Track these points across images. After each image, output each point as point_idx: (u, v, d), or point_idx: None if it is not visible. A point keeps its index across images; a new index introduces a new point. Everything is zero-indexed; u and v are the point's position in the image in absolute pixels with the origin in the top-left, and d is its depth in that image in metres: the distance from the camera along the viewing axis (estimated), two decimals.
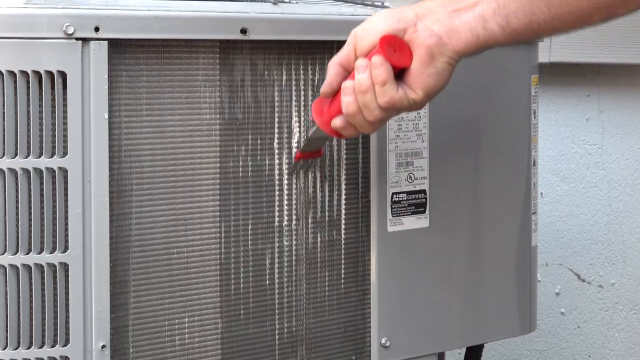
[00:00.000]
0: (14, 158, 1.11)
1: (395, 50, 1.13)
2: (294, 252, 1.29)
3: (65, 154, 1.13)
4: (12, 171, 1.11)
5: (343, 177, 1.32)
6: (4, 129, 1.11)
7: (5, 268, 1.12)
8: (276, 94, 1.27)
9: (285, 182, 1.28)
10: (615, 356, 1.93)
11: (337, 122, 1.18)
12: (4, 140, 1.11)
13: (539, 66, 1.49)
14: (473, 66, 1.37)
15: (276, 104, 1.27)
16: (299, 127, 1.29)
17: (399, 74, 1.14)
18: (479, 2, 1.13)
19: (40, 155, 1.12)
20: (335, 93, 1.18)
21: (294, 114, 1.28)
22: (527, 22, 1.11)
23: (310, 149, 1.25)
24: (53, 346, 1.13)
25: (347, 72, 1.17)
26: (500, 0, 1.12)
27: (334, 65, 1.17)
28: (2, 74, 1.10)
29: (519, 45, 1.44)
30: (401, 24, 1.14)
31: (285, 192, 1.28)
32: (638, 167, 1.88)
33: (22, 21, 1.11)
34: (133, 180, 1.18)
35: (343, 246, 1.32)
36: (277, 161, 1.27)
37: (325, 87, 1.18)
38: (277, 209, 1.27)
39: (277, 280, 1.28)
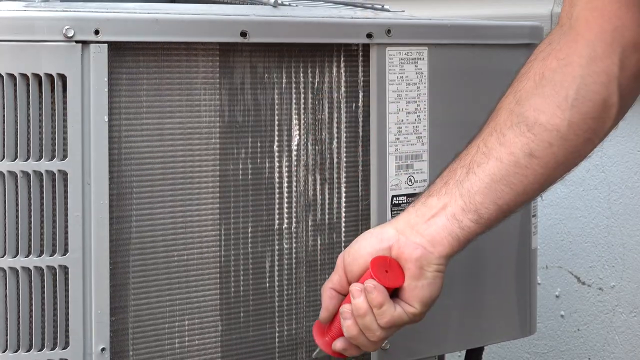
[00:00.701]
0: (14, 161, 1.11)
1: (387, 271, 1.15)
2: (294, 255, 1.29)
3: (65, 156, 1.13)
4: (12, 174, 1.11)
5: (343, 180, 1.32)
6: (3, 132, 1.11)
7: (5, 271, 1.12)
8: (276, 96, 1.27)
9: (285, 184, 1.28)
10: (615, 359, 1.93)
11: (338, 344, 1.20)
12: (3, 143, 1.11)
13: None
14: (472, 69, 1.37)
15: (276, 106, 1.27)
16: (299, 129, 1.29)
17: (394, 291, 1.16)
18: (447, 203, 1.15)
19: (40, 158, 1.12)
20: (333, 316, 1.20)
21: (294, 116, 1.28)
22: (496, 208, 1.14)
23: None
24: (53, 349, 1.13)
25: (342, 295, 1.19)
26: (464, 197, 1.14)
27: (327, 290, 1.20)
28: (2, 77, 1.10)
29: (519, 46, 1.44)
30: (384, 243, 1.16)
31: (285, 194, 1.28)
32: (638, 170, 1.88)
33: (22, 24, 1.11)
34: (133, 183, 1.18)
35: (343, 249, 1.32)
36: (277, 164, 1.27)
37: (323, 313, 1.20)
38: (277, 211, 1.27)
39: (277, 283, 1.28)
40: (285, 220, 1.28)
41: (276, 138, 1.27)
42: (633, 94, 1.14)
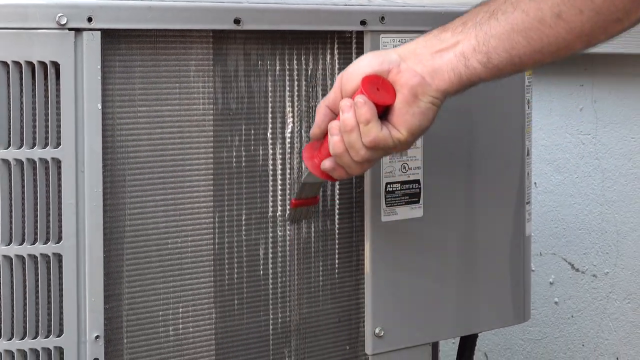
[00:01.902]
0: (7, 149, 1.11)
1: (379, 89, 1.14)
2: (288, 242, 1.29)
3: (58, 144, 1.13)
4: (5, 162, 1.11)
5: None
6: None
7: None
8: (269, 84, 1.27)
9: (279, 172, 1.28)
10: (608, 345, 1.94)
11: (326, 163, 1.19)
12: None
13: None
14: None
15: (269, 94, 1.27)
16: (293, 117, 1.29)
17: (384, 114, 1.15)
18: (460, 41, 1.14)
19: (34, 146, 1.12)
20: (324, 135, 1.19)
21: (288, 104, 1.28)
22: (507, 57, 1.13)
23: (304, 196, 1.26)
24: (47, 337, 1.13)
25: (335, 114, 1.19)
26: (479, 38, 1.13)
27: (321, 108, 1.19)
28: None
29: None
30: (384, 65, 1.16)
31: (279, 182, 1.28)
32: (632, 157, 1.89)
33: (15, 11, 1.11)
34: (127, 171, 1.18)
35: (337, 236, 1.32)
36: (270, 151, 1.27)
37: (314, 129, 1.20)
38: (270, 199, 1.27)
39: (271, 271, 1.28)
40: (279, 208, 1.28)
41: (270, 125, 1.27)
42: None
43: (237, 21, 1.22)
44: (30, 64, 1.11)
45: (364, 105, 1.14)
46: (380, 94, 1.14)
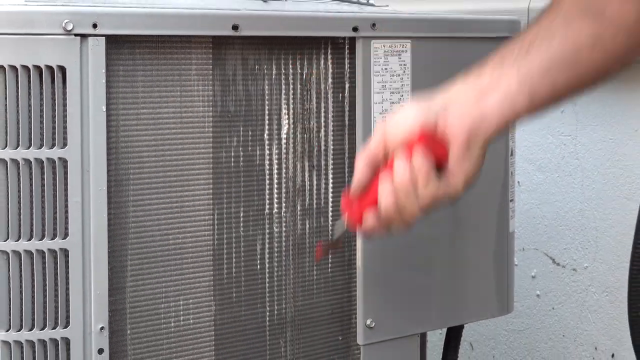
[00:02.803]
0: (16, 149, 1.11)
1: (433, 145, 1.04)
2: (284, 238, 1.29)
3: (65, 145, 1.12)
4: (14, 162, 1.11)
5: (330, 167, 1.32)
6: (6, 121, 1.11)
7: (8, 254, 1.11)
8: (266, 87, 1.26)
9: (275, 171, 1.28)
10: (588, 336, 1.93)
11: (368, 220, 1.08)
12: (6, 132, 1.11)
13: None
14: (453, 61, 1.36)
15: (266, 97, 1.26)
16: (288, 119, 1.28)
17: (438, 168, 1.06)
18: (502, 81, 1.05)
19: (41, 146, 1.12)
20: (365, 190, 1.08)
21: (284, 106, 1.28)
22: (549, 91, 1.05)
23: (334, 245, 1.20)
24: (54, 328, 1.13)
25: (376, 166, 1.08)
26: (521, 76, 1.05)
27: (360, 161, 1.09)
28: (4, 69, 1.10)
29: (498, 39, 1.43)
30: (431, 114, 1.06)
31: (275, 180, 1.28)
32: (610, 157, 1.88)
33: (23, 18, 1.11)
34: (130, 170, 1.17)
35: (330, 232, 1.32)
36: (267, 151, 1.27)
37: (355, 185, 1.09)
38: (267, 196, 1.27)
39: (267, 265, 1.28)
40: (275, 205, 1.28)
41: (266, 127, 1.27)
42: None
43: (235, 27, 1.22)
44: (37, 68, 1.11)
45: (423, 166, 1.04)
46: (435, 151, 1.04)
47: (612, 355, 1.89)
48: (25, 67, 1.10)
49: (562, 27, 1.05)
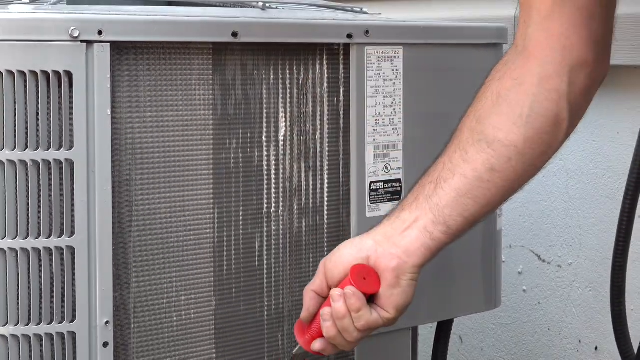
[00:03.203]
0: (24, 151, 1.11)
1: (365, 278, 1.14)
2: (281, 236, 1.29)
3: (71, 147, 1.12)
4: (23, 163, 1.11)
5: (325, 168, 1.32)
6: (15, 124, 1.11)
7: (17, 251, 1.11)
8: (264, 91, 1.27)
9: (273, 172, 1.28)
10: (572, 329, 1.94)
11: (317, 345, 1.18)
12: (15, 134, 1.11)
13: None
14: (443, 67, 1.37)
15: (264, 100, 1.27)
16: (286, 122, 1.29)
17: (370, 297, 1.15)
18: (419, 217, 1.14)
19: (49, 148, 1.12)
20: (314, 317, 1.18)
21: (281, 109, 1.28)
22: (462, 220, 1.13)
23: None
24: (61, 322, 1.13)
25: (322, 297, 1.18)
26: (434, 211, 1.13)
27: (308, 292, 1.18)
28: (14, 74, 1.10)
29: (486, 46, 1.44)
30: (363, 252, 1.15)
31: (273, 181, 1.28)
32: (593, 158, 1.89)
33: (32, 25, 1.11)
34: (134, 171, 1.18)
35: (326, 230, 1.33)
36: (265, 153, 1.27)
37: (304, 313, 1.19)
38: (265, 196, 1.27)
39: (265, 261, 1.28)
40: (273, 205, 1.28)
41: (265, 129, 1.27)
42: (582, 109, 1.13)
43: (234, 34, 1.22)
44: (45, 73, 1.11)
45: (353, 296, 1.13)
46: (367, 283, 1.14)
47: (596, 348, 1.90)
48: (34, 72, 1.10)
49: (462, 160, 1.12)
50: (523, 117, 1.09)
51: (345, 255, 1.16)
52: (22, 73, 1.10)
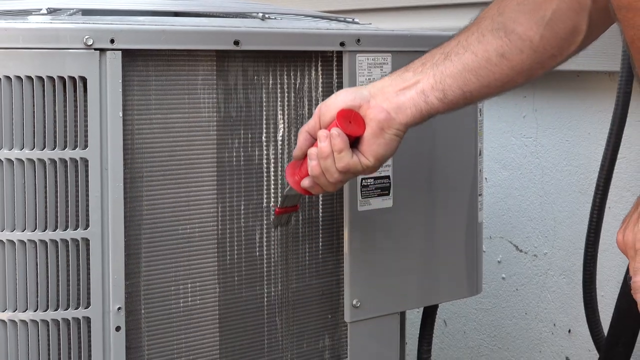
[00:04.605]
0: (42, 150, 1.10)
1: (351, 122, 1.13)
2: (279, 228, 1.29)
3: (86, 146, 1.12)
4: (41, 161, 1.11)
5: None
6: (33, 125, 1.10)
7: (36, 243, 1.11)
8: (264, 95, 1.26)
9: (272, 169, 1.28)
10: (547, 313, 1.94)
11: (305, 182, 1.18)
12: (34, 135, 1.10)
13: None
14: None
15: (264, 104, 1.26)
16: (284, 123, 1.28)
17: (355, 143, 1.14)
18: (420, 80, 1.13)
19: (65, 147, 1.11)
20: (304, 157, 1.18)
21: (279, 112, 1.28)
22: (460, 93, 1.12)
23: (287, 205, 1.25)
24: (77, 308, 1.13)
25: (314, 139, 1.17)
26: (437, 77, 1.12)
27: (302, 133, 1.18)
28: (33, 79, 1.10)
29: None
30: (356, 101, 1.14)
31: (272, 178, 1.27)
32: (566, 156, 1.89)
33: (49, 34, 1.10)
34: (144, 169, 1.17)
35: (321, 223, 1.32)
36: (265, 152, 1.27)
37: (296, 151, 1.19)
38: (265, 192, 1.27)
39: (265, 252, 1.28)
40: (272, 200, 1.27)
41: (264, 130, 1.27)
42: (599, 29, 1.11)
43: (236, 42, 1.21)
44: (62, 78, 1.10)
45: (337, 137, 1.12)
46: (352, 127, 1.13)
47: (569, 331, 1.90)
48: (51, 78, 1.10)
49: (477, 41, 1.11)
50: (545, 19, 1.08)
51: (339, 101, 1.15)
52: (40, 78, 1.10)
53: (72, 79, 1.11)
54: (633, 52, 0.97)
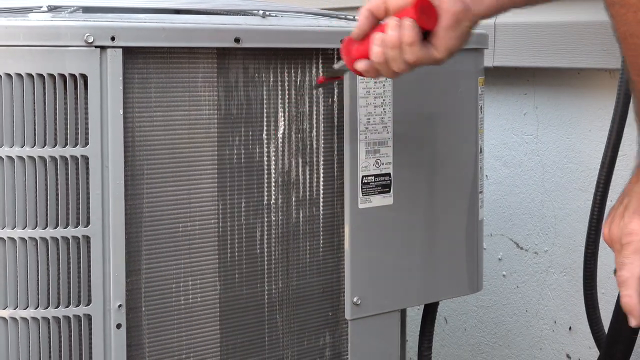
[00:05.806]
0: (43, 147, 1.10)
1: (424, 13, 1.06)
2: (280, 226, 1.29)
3: (86, 144, 1.12)
4: (42, 159, 1.11)
5: (321, 163, 1.32)
6: (34, 123, 1.10)
7: (37, 240, 1.11)
8: (264, 93, 1.26)
9: (273, 166, 1.27)
10: (548, 311, 1.94)
11: (361, 65, 1.11)
12: (34, 133, 1.10)
13: (484, 69, 1.48)
14: (429, 70, 1.36)
15: (264, 101, 1.26)
16: (284, 120, 1.28)
17: (424, 33, 1.08)
18: None
19: (66, 145, 1.11)
20: (364, 36, 1.10)
21: (280, 109, 1.28)
22: None
23: (332, 75, 1.17)
24: (77, 305, 1.13)
25: (376, 19, 1.10)
26: None
27: (365, 11, 1.10)
28: (33, 77, 1.09)
29: (468, 50, 1.43)
30: None
31: (273, 175, 1.27)
32: (567, 154, 1.89)
33: (50, 32, 1.10)
34: (144, 166, 1.17)
35: (321, 220, 1.32)
36: (265, 149, 1.27)
37: (356, 31, 1.11)
38: (265, 189, 1.27)
39: (266, 249, 1.28)
40: (273, 197, 1.27)
41: (265, 128, 1.27)
42: None
43: (237, 40, 1.21)
44: (62, 76, 1.10)
45: (411, 29, 1.05)
46: (426, 18, 1.06)
47: (570, 328, 1.90)
48: (52, 75, 1.10)
49: None
50: None
51: None
52: (41, 76, 1.10)
53: (73, 76, 1.11)
54: (625, 48, 0.95)
